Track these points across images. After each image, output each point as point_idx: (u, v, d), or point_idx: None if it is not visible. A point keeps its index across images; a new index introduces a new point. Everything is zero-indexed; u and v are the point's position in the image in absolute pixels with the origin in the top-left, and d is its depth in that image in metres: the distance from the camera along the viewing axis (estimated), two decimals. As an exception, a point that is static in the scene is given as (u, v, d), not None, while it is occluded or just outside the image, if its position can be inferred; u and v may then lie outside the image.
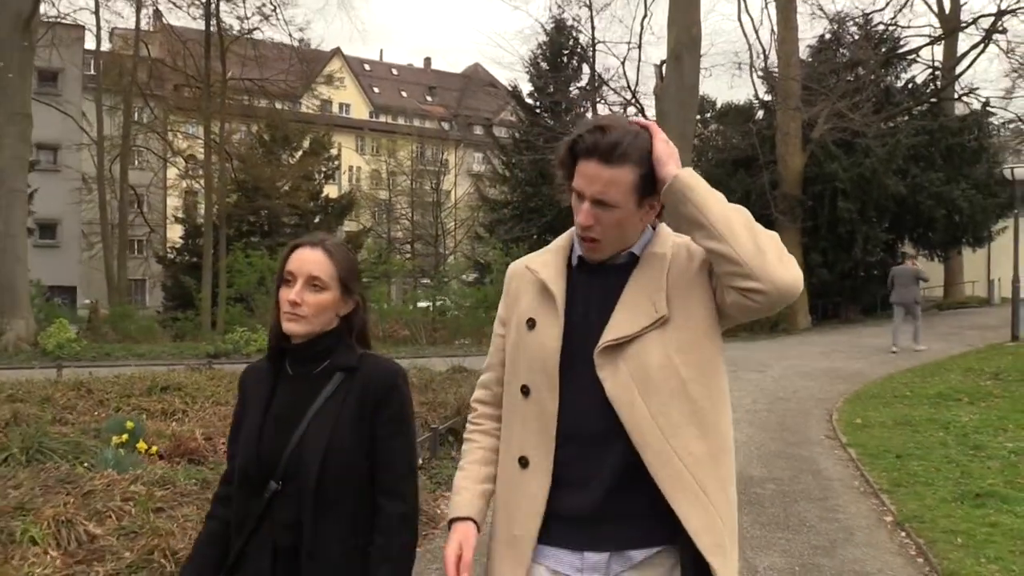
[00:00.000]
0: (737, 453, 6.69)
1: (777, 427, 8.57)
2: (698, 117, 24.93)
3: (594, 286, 1.75)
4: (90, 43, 32.20)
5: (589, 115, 30.75)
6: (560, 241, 1.86)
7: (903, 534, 5.12)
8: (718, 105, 29.89)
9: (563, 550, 1.68)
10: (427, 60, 79.24)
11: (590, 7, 30.24)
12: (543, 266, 1.81)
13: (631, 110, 29.37)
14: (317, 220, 32.73)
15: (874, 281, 26.38)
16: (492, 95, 64.15)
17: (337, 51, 56.23)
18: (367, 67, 70.20)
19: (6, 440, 6.42)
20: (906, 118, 24.59)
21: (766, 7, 23.18)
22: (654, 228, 1.79)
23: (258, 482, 1.80)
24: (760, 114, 26.63)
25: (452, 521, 1.80)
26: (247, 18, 26.39)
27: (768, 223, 12.00)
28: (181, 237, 34.26)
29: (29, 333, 16.37)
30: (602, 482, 1.65)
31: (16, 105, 16.27)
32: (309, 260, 1.84)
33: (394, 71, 74.29)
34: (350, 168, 48.97)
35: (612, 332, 1.66)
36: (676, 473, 1.61)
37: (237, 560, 1.83)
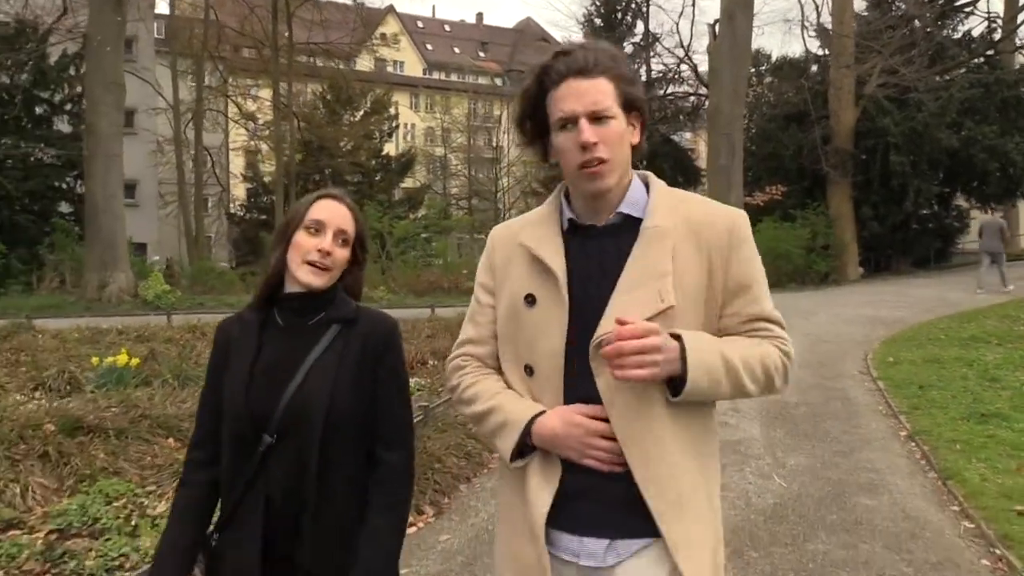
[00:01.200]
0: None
1: (816, 364, 9.50)
2: (752, 70, 25.30)
3: (591, 256, 1.63)
4: (161, 7, 33.74)
5: (643, 72, 31.28)
6: (546, 207, 1.74)
7: (912, 444, 6.09)
8: (773, 58, 30.18)
9: (563, 533, 1.61)
10: (479, 15, 79.35)
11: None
12: (537, 241, 1.68)
13: (684, 67, 29.82)
14: (378, 177, 33.97)
15: (928, 234, 26.76)
16: (545, 49, 63.94)
17: (391, 9, 57.03)
18: (420, 24, 70.74)
19: (158, 368, 7.76)
20: (963, 71, 24.63)
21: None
22: (646, 185, 1.70)
23: (250, 437, 1.72)
24: (814, 68, 26.87)
25: (531, 423, 1.61)
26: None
27: (820, 177, 13.59)
28: (247, 195, 35.92)
29: (129, 285, 17.94)
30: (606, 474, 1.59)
31: (111, 76, 17.62)
32: (339, 213, 1.80)
33: (446, 27, 74.66)
34: (406, 125, 49.94)
35: (609, 323, 1.53)
36: (657, 477, 1.54)
37: (229, 518, 1.76)
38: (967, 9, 25.46)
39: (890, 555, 4.03)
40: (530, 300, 1.63)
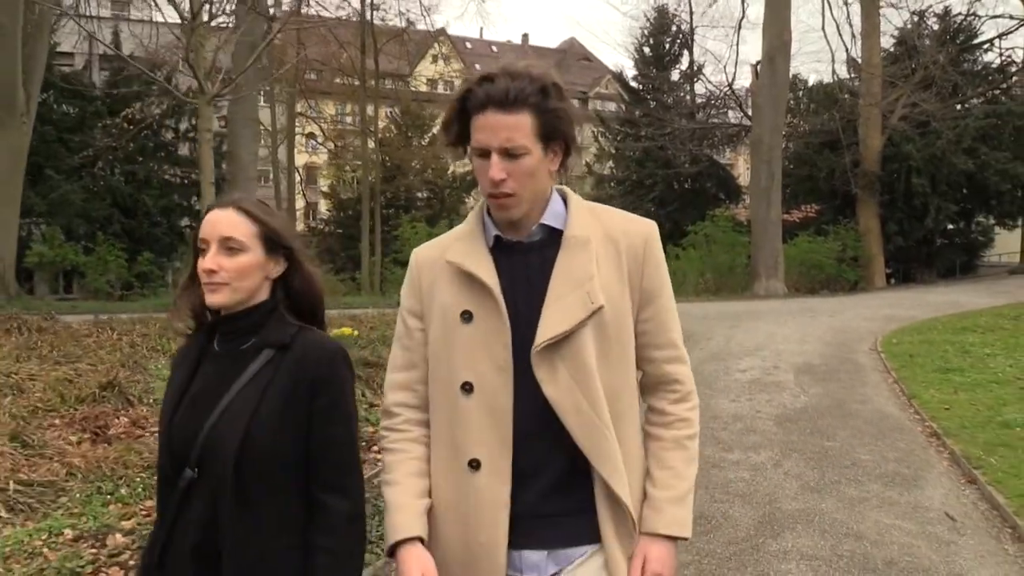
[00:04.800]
0: (805, 356, 10.84)
1: (836, 344, 12.58)
2: (789, 94, 28.33)
3: (517, 271, 1.65)
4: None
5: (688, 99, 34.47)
6: (468, 225, 1.73)
7: (895, 384, 9.20)
8: (809, 83, 33.32)
9: (515, 551, 1.62)
10: (524, 36, 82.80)
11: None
12: (464, 256, 1.66)
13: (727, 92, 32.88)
14: (447, 193, 37.46)
15: (953, 248, 29.68)
16: (587, 68, 67.97)
17: (442, 31, 60.78)
18: (468, 45, 74.50)
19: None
20: (979, 102, 27.50)
21: (847, 7, 26.25)
22: (564, 199, 1.71)
23: (172, 470, 1.62)
24: (845, 96, 29.86)
25: (397, 545, 1.63)
26: (402, 14, 31.01)
27: (850, 197, 18.17)
28: (329, 210, 39.65)
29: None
30: (548, 479, 1.61)
31: (250, 113, 21.27)
32: (220, 221, 1.64)
33: (493, 48, 78.17)
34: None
35: (547, 330, 1.57)
36: (619, 474, 1.61)
37: (160, 557, 1.63)
38: (984, 46, 28.31)
39: (868, 427, 7.16)
40: (466, 316, 1.62)
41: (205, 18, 11.18)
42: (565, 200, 1.72)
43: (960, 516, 4.86)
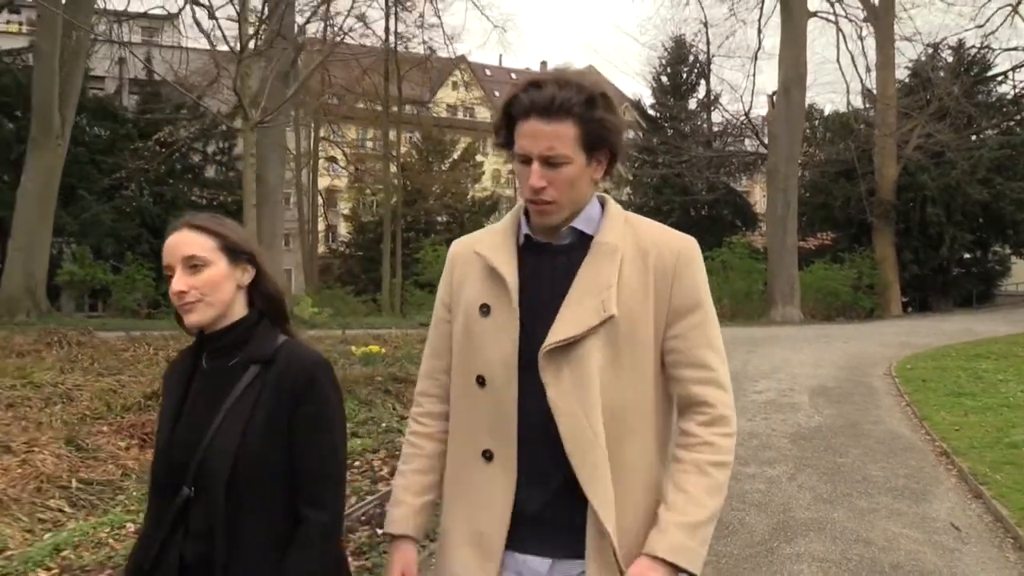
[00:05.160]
0: (820, 379, 11.09)
1: (851, 369, 12.81)
2: (805, 123, 28.73)
3: (542, 271, 1.65)
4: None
5: (705, 127, 34.90)
6: (506, 221, 1.74)
7: (907, 406, 9.44)
8: (825, 112, 33.67)
9: (511, 551, 1.62)
10: (543, 64, 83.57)
11: (706, 26, 34.40)
12: (492, 249, 1.68)
13: (743, 121, 33.28)
14: (466, 216, 37.95)
15: (970, 277, 29.82)
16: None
17: (462, 59, 61.70)
18: (488, 72, 75.44)
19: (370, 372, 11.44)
20: (995, 132, 27.76)
21: (862, 41, 26.67)
22: (602, 205, 1.71)
23: (169, 488, 1.65)
24: (861, 126, 30.19)
25: (390, 536, 1.75)
26: (425, 43, 31.77)
27: (865, 225, 18.64)
28: (349, 233, 40.25)
29: (288, 307, 22.04)
30: (553, 484, 1.58)
31: (277, 138, 21.86)
32: (178, 243, 1.67)
33: (512, 75, 78.99)
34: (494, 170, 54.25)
35: (556, 333, 1.56)
36: (605, 491, 1.55)
37: (151, 571, 1.65)
38: (999, 78, 28.63)
39: (880, 446, 7.42)
40: (484, 310, 1.64)
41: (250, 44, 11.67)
42: (603, 206, 1.70)
43: (965, 527, 5.12)
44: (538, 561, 1.61)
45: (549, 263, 1.65)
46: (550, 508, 1.59)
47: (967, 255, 29.17)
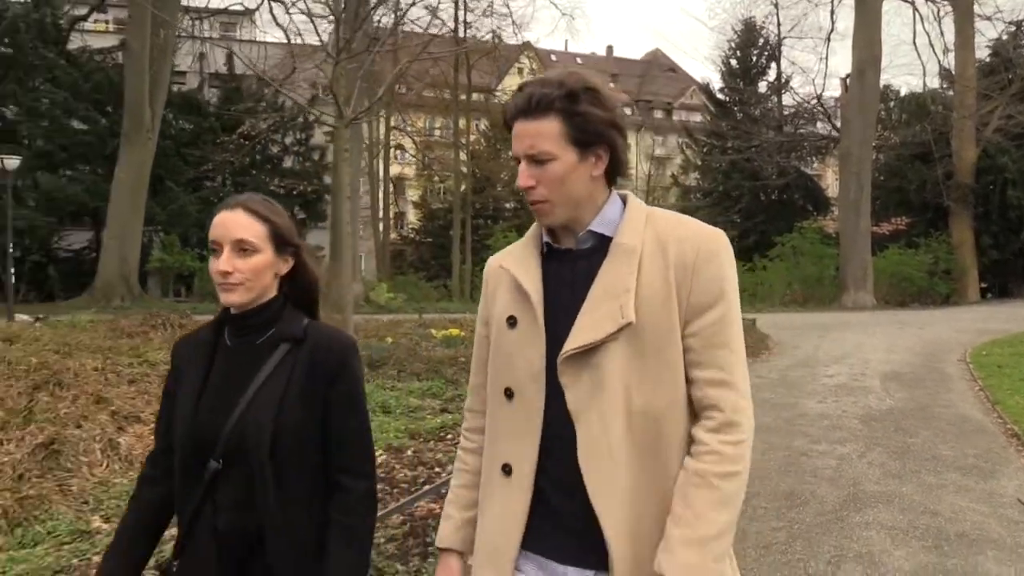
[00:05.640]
0: (892, 364, 11.19)
1: (925, 355, 12.83)
2: (880, 105, 28.25)
3: (563, 278, 1.62)
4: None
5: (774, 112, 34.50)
6: (530, 232, 1.72)
7: (980, 391, 9.52)
8: (902, 93, 32.99)
9: (546, 559, 1.60)
10: (609, 48, 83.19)
11: (777, 7, 33.98)
12: (515, 262, 1.68)
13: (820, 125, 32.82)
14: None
15: (1052, 262, 28.97)
16: (672, 79, 68.02)
17: (528, 45, 61.97)
18: (554, 58, 75.44)
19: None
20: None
21: (939, 21, 26.05)
22: (624, 202, 1.65)
23: (195, 462, 1.68)
24: (939, 108, 29.51)
25: (438, 551, 1.77)
26: (493, 31, 32.19)
27: (942, 209, 18.56)
28: (419, 220, 41.09)
29: (362, 292, 22.80)
30: (578, 492, 1.53)
31: (354, 130, 22.55)
32: (231, 223, 1.70)
33: (578, 60, 78.80)
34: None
35: (575, 339, 1.53)
36: (611, 504, 1.51)
37: (182, 547, 1.72)
38: (1087, 55, 27.63)
39: (950, 428, 7.60)
40: (511, 322, 1.64)
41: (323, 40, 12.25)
42: (625, 205, 1.65)
43: (1032, 502, 5.34)
44: (577, 572, 1.57)
45: (570, 269, 1.61)
46: (576, 518, 1.54)
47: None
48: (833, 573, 4.12)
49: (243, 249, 1.68)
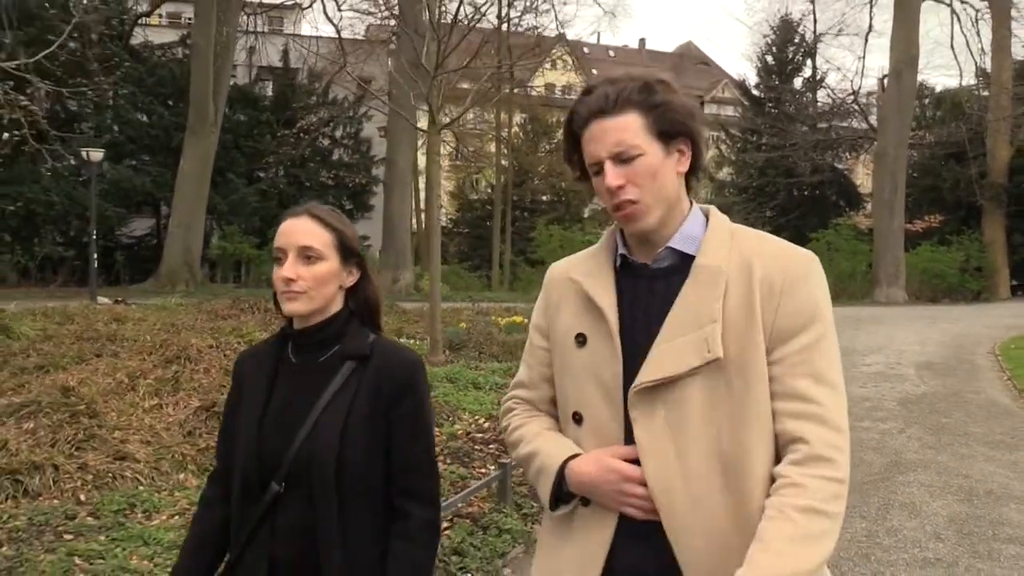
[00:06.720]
0: (925, 355, 12.05)
1: (955, 347, 13.66)
2: (915, 102, 28.80)
3: (639, 296, 1.50)
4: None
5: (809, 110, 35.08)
6: (601, 243, 1.61)
7: (1009, 381, 10.37)
8: (937, 90, 33.50)
9: None
10: (641, 41, 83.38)
11: (813, 4, 34.55)
12: (586, 275, 1.56)
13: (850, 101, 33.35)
14: (571, 195, 39.30)
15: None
16: (704, 72, 68.50)
17: (561, 37, 62.69)
18: (586, 50, 75.92)
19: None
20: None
21: (977, 24, 26.59)
22: (707, 218, 1.53)
23: (257, 484, 1.63)
24: (972, 109, 30.03)
25: (565, 464, 1.50)
26: (536, 28, 33.11)
27: (975, 207, 19.63)
28: (456, 210, 42.17)
29: (412, 281, 23.91)
30: (651, 531, 1.42)
31: (407, 122, 23.63)
32: (297, 230, 1.66)
33: (611, 52, 79.27)
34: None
35: (651, 371, 1.41)
36: (689, 544, 1.39)
37: (231, 572, 1.68)
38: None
39: (980, 411, 8.48)
40: (581, 340, 1.52)
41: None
42: (708, 219, 1.54)
43: (1050, 470, 6.26)
44: None
45: (647, 287, 1.50)
46: (652, 562, 1.42)
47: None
48: (884, 517, 5.09)
49: (308, 256, 1.64)
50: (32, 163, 22.73)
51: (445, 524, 4.45)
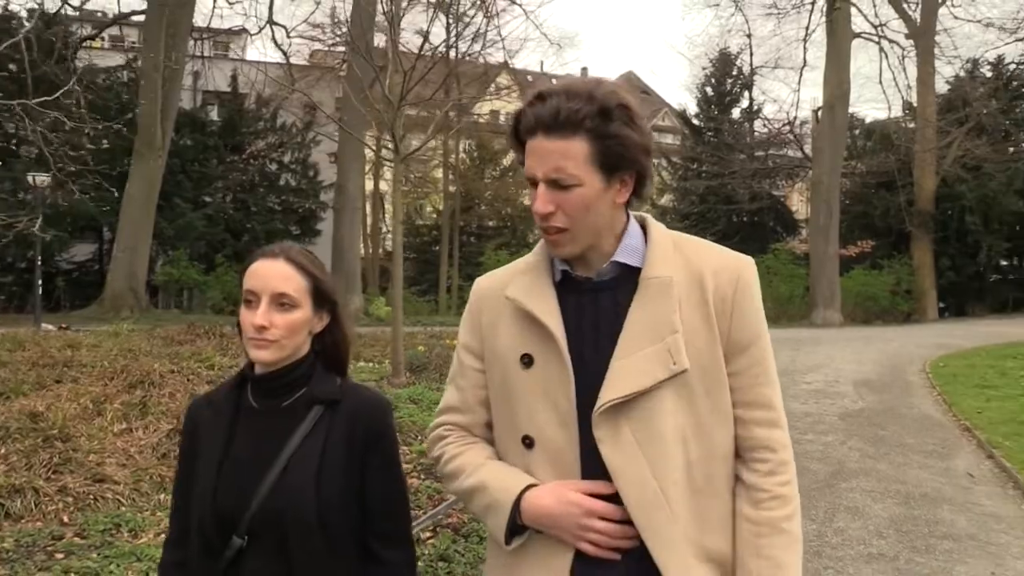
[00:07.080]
0: (861, 373, 12.70)
1: (890, 366, 14.37)
2: (847, 133, 30.13)
3: (585, 313, 1.44)
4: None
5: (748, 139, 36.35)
6: (535, 256, 1.54)
7: (939, 396, 11.02)
8: (867, 121, 35.08)
9: None
10: (584, 70, 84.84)
11: (750, 38, 35.88)
12: (526, 294, 1.48)
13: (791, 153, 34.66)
14: (517, 221, 39.83)
15: (1006, 284, 31.08)
16: (645, 101, 70.04)
17: (505, 65, 63.65)
18: (530, 78, 77.12)
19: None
20: (1032, 145, 29.03)
21: (903, 61, 28.06)
22: (644, 228, 1.50)
23: (217, 539, 1.54)
24: (901, 142, 31.56)
25: (520, 496, 1.43)
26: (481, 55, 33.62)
27: (904, 233, 20.72)
28: (404, 235, 42.36)
29: (362, 305, 23.98)
30: (632, 556, 1.40)
31: (357, 148, 23.83)
32: (272, 275, 1.58)
33: (554, 80, 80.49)
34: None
35: (616, 388, 1.37)
36: (673, 555, 1.38)
37: None
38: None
39: (914, 424, 9.04)
40: (526, 361, 1.45)
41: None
42: (645, 231, 1.50)
43: (978, 475, 6.77)
44: None
45: (592, 303, 1.45)
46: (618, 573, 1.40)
47: (1004, 262, 30.46)
48: (831, 519, 5.51)
49: (282, 304, 1.57)
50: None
51: (429, 533, 4.71)
